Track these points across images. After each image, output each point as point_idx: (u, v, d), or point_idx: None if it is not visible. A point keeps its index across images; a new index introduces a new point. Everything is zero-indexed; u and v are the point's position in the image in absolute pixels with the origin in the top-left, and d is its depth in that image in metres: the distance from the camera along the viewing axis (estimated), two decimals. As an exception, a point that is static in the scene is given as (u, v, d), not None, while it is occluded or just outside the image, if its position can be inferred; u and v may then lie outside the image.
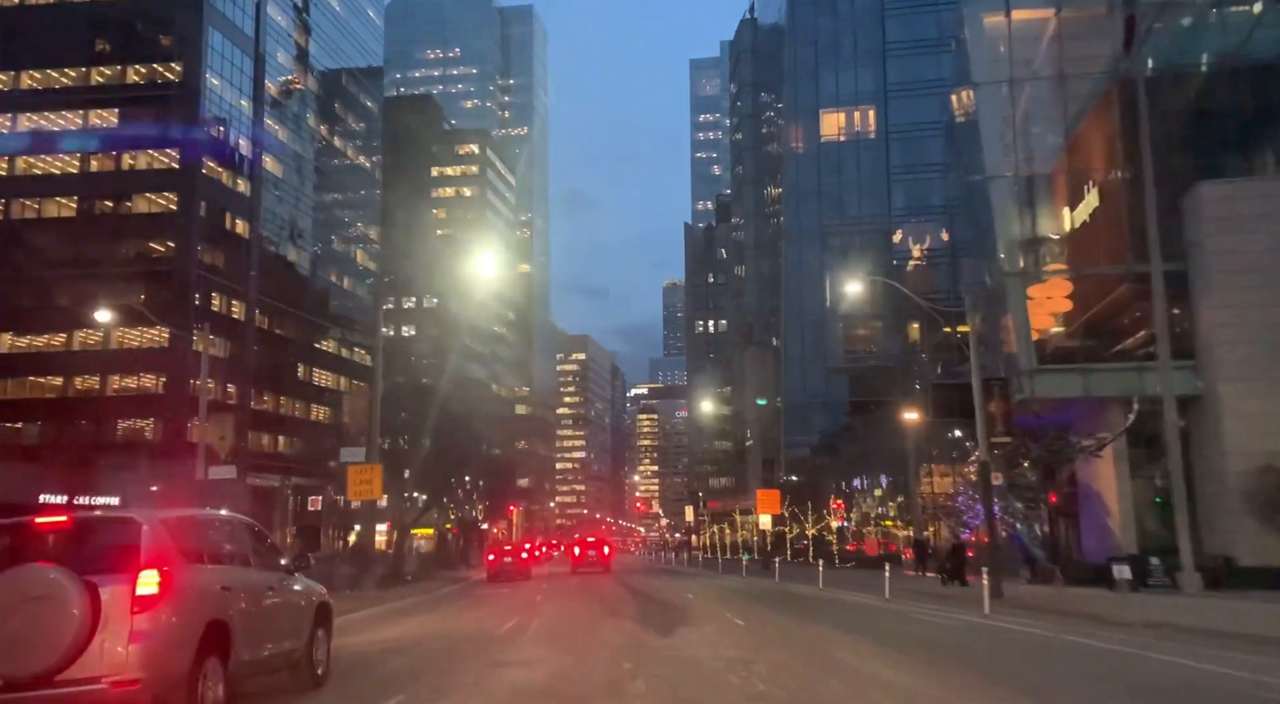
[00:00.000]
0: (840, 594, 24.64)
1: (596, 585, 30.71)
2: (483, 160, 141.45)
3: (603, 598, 23.19)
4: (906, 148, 59.28)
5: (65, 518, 7.70)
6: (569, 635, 14.01)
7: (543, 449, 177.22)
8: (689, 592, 25.70)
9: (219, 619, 7.45)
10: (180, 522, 7.80)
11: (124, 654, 6.60)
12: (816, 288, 60.62)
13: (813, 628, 15.20)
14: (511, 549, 41.08)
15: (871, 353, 59.62)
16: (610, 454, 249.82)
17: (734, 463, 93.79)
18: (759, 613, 17.85)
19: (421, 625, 16.62)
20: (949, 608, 19.68)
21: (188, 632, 7.03)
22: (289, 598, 9.19)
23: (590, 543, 46.42)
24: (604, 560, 42.77)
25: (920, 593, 24.49)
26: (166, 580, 6.87)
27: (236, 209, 69.23)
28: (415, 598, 25.12)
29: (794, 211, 62.59)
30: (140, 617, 6.68)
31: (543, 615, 17.59)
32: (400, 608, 20.93)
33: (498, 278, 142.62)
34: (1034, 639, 13.55)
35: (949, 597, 23.13)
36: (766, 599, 22.80)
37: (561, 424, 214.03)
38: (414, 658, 11.93)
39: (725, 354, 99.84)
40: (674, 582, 33.40)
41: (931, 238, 57.51)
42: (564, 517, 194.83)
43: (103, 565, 6.86)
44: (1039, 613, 17.65)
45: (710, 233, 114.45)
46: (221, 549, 8.38)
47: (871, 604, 21.16)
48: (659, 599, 22.20)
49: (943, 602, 21.84)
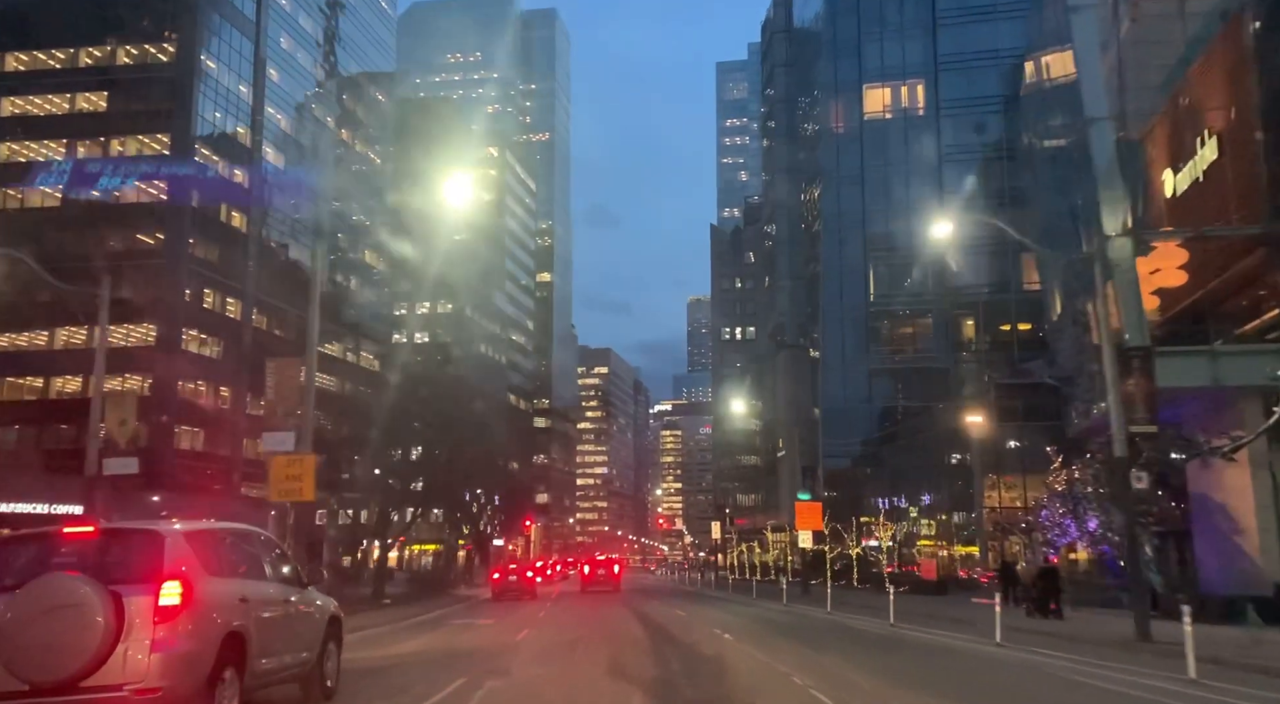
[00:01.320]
0: (928, 634, 18.91)
1: (605, 614, 25.29)
2: (501, 164, 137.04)
3: (609, 636, 17.64)
4: (960, 125, 53.42)
5: (91, 528, 7.61)
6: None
7: (563, 464, 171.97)
8: (721, 626, 20.07)
9: (236, 630, 7.55)
10: (201, 534, 7.96)
11: (146, 663, 6.74)
12: (858, 281, 54.84)
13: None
14: (517, 568, 39.80)
15: (919, 352, 53.81)
16: (633, 470, 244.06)
17: (763, 477, 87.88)
18: (839, 673, 12.03)
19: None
20: (1102, 660, 13.90)
21: (207, 642, 7.16)
22: (303, 610, 9.24)
23: (600, 562, 45.44)
24: (614, 579, 42.77)
25: (1036, 633, 18.72)
26: (188, 591, 7.02)
27: (233, 200, 64.95)
28: (376, 629, 19.81)
29: (833, 198, 56.75)
30: (162, 626, 6.83)
31: (511, 676, 12.01)
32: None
33: (516, 283, 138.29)
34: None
35: (1074, 639, 17.31)
36: (832, 642, 17.08)
37: (583, 439, 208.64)
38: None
39: (754, 362, 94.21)
40: (701, 610, 27.76)
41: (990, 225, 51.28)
42: (585, 533, 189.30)
43: (126, 576, 7.01)
44: (1252, 674, 11.92)
45: (738, 236, 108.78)
46: (239, 562, 8.46)
47: (987, 652, 15.44)
48: (684, 641, 16.58)
49: (1071, 646, 16.06)
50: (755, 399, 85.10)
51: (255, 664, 7.81)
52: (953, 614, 24.24)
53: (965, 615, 23.88)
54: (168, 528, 7.59)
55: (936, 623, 21.52)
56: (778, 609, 28.83)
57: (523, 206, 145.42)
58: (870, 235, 54.83)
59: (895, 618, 21.25)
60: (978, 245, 50.05)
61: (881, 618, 22.60)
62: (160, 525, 7.82)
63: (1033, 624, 21.73)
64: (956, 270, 51.48)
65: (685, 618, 23.07)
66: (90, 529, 7.61)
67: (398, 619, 23.65)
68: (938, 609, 25.61)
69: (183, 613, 6.91)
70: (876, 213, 54.74)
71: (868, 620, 22.72)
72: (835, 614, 25.30)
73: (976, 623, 19.78)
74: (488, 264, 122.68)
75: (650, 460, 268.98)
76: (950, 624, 21.01)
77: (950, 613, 24.59)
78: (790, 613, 26.75)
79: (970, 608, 27.83)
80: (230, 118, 64.04)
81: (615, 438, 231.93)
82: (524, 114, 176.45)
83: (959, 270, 51.88)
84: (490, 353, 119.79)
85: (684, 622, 21.79)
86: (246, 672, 7.67)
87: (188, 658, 6.92)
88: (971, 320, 52.53)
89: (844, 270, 55.52)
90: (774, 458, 74.64)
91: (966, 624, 20.58)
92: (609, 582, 42.24)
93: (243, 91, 65.95)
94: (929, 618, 22.68)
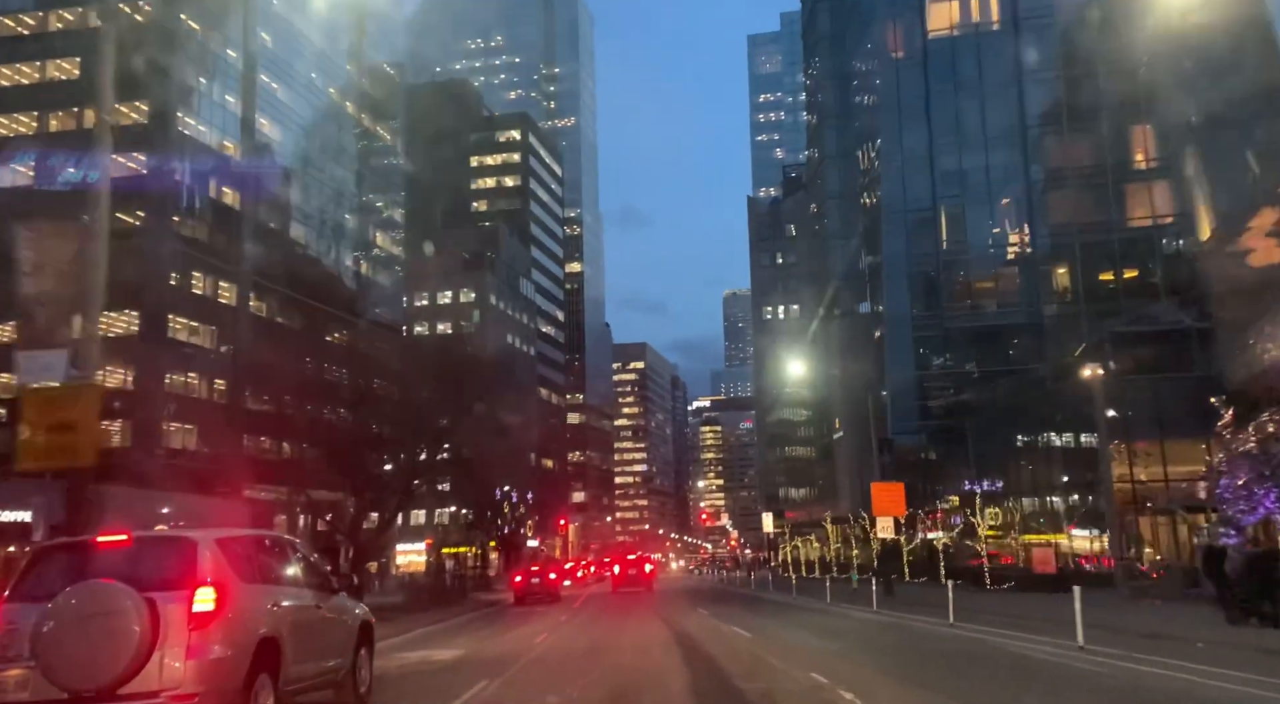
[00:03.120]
0: (1186, 673, 11.36)
1: (633, 627, 18.36)
2: (525, 147, 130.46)
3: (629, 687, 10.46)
4: (1044, 39, 45.07)
5: (125, 536, 7.44)
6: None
7: (600, 461, 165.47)
8: (822, 667, 12.48)
9: (270, 636, 7.52)
10: (233, 541, 7.89)
11: (181, 669, 6.71)
12: (927, 229, 46.98)
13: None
14: (540, 569, 38.27)
15: (1004, 307, 45.76)
16: (673, 468, 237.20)
17: (814, 466, 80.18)
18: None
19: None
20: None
21: (242, 648, 7.11)
22: (335, 616, 9.21)
23: (631, 561, 43.91)
24: (646, 579, 42.01)
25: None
26: (222, 598, 7.00)
27: (223, 176, 58.94)
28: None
29: (894, 134, 48.69)
30: (197, 633, 6.81)
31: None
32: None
33: (544, 272, 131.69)
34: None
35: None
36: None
37: (621, 436, 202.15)
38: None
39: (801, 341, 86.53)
40: (767, 625, 20.43)
41: (1087, 150, 43.38)
42: (625, 532, 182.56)
43: (160, 583, 6.95)
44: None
45: (777, 209, 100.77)
46: (271, 568, 8.38)
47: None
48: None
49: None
50: (804, 381, 77.43)
51: (289, 670, 7.74)
52: (1133, 624, 16.81)
53: (1152, 625, 16.61)
54: (200, 534, 7.52)
55: (1130, 640, 14.09)
56: (873, 620, 21.34)
57: (548, 192, 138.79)
58: (940, 174, 46.87)
59: (1084, 637, 13.70)
60: (1071, 177, 42.23)
61: (1045, 634, 15.19)
62: (193, 532, 7.69)
63: (1265, 638, 14.26)
64: (1047, 207, 43.59)
65: (751, 647, 15.65)
66: (124, 537, 7.42)
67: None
68: (1101, 616, 18.01)
69: (217, 619, 6.90)
70: (946, 146, 46.79)
71: (1029, 640, 15.09)
72: (966, 627, 17.73)
73: (1188, 638, 12.70)
74: (513, 250, 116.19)
75: (690, 458, 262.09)
76: (1159, 644, 13.59)
77: (1128, 623, 17.10)
78: (900, 628, 19.18)
79: (1144, 613, 20.32)
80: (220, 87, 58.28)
81: (654, 434, 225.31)
82: (548, 99, 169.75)
83: (1050, 208, 43.92)
84: (519, 344, 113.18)
85: (753, 658, 14.21)
86: (281, 678, 7.60)
87: (223, 664, 6.89)
88: (1065, 267, 44.48)
89: (909, 218, 47.59)
90: (829, 442, 66.95)
91: (1179, 641, 13.36)
92: (641, 582, 41.35)
93: (231, 56, 59.93)
94: (1115, 634, 15.12)
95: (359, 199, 78.44)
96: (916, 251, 47.10)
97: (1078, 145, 43.39)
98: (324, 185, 71.22)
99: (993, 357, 44.90)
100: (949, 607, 18.49)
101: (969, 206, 46.18)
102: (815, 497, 76.17)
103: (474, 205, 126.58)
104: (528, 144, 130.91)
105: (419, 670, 13.18)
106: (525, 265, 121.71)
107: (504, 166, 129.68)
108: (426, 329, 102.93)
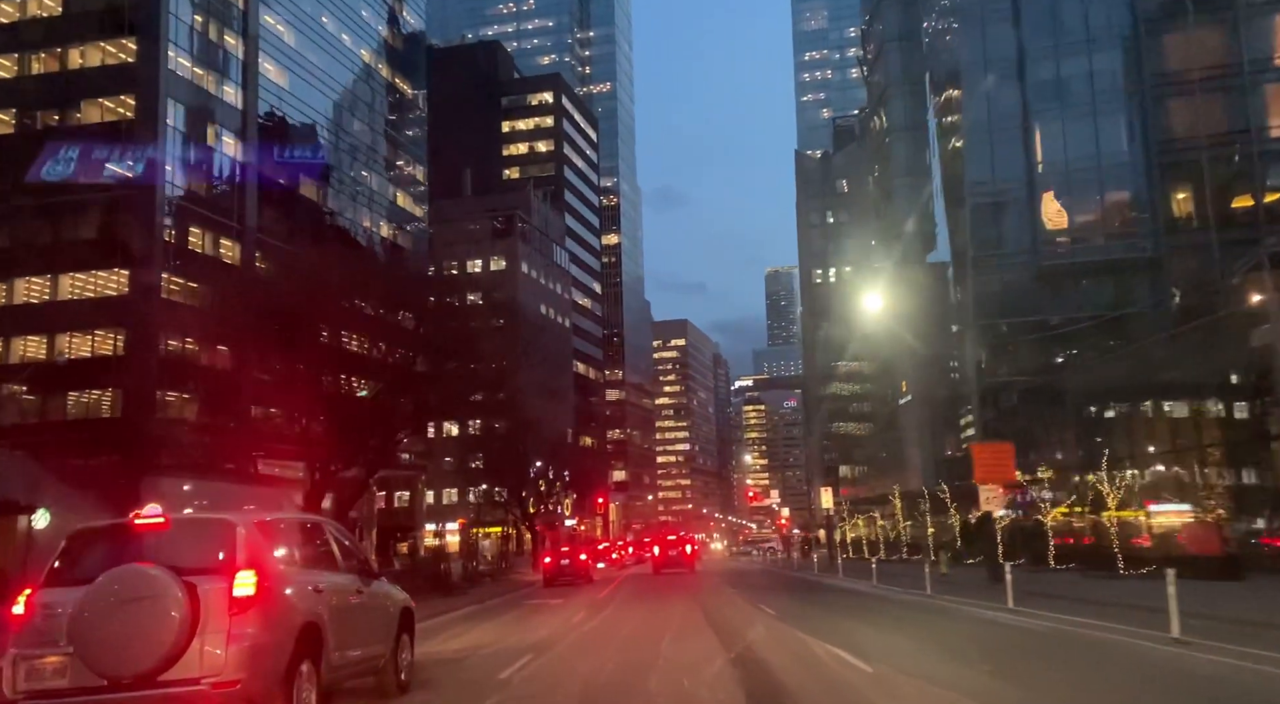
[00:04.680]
0: None
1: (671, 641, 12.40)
2: (558, 110, 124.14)
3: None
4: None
5: (162, 519, 7.24)
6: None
7: (642, 439, 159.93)
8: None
9: (312, 621, 7.34)
10: (272, 524, 7.74)
11: (222, 655, 6.56)
12: (1014, 151, 39.86)
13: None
14: (569, 550, 36.22)
15: (1113, 238, 38.39)
16: (716, 447, 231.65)
17: (874, 439, 73.60)
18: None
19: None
20: None
21: (284, 634, 6.94)
22: (376, 602, 8.97)
23: (672, 541, 42.28)
24: (688, 560, 40.72)
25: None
26: (262, 582, 6.85)
27: (224, 120, 53.85)
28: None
29: (976, 41, 41.15)
30: (238, 618, 6.66)
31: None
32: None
33: (579, 241, 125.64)
34: None
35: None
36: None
37: (662, 414, 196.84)
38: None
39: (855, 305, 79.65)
40: (871, 634, 14.13)
41: (1215, 46, 35.95)
42: (669, 512, 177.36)
43: (199, 566, 6.81)
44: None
45: (827, 162, 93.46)
46: (311, 552, 8.23)
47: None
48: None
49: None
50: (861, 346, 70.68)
51: (331, 656, 7.55)
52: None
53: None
54: (240, 516, 7.34)
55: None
56: (1032, 627, 14.59)
57: (583, 158, 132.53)
58: (1033, 85, 39.61)
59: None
60: (1196, 80, 35.08)
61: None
62: (232, 514, 7.47)
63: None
64: (1165, 119, 36.38)
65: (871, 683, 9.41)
66: (161, 519, 7.21)
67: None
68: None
69: (258, 604, 6.73)
70: (1040, 52, 39.55)
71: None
72: (1196, 644, 11.19)
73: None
74: (545, 216, 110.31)
75: (733, 437, 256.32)
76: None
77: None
78: (1098, 646, 12.53)
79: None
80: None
81: (696, 413, 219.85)
82: (582, 64, 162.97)
83: (1169, 118, 36.69)
84: (553, 314, 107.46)
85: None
86: (323, 664, 7.39)
87: (265, 650, 6.73)
88: (1187, 191, 37.20)
89: (995, 138, 40.51)
90: (893, 409, 60.23)
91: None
92: (682, 563, 40.18)
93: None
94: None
95: (381, 159, 73.10)
96: (1003, 177, 40.02)
97: (1203, 39, 35.98)
98: (341, 142, 65.98)
99: (1098, 299, 37.83)
100: (1173, 621, 11.66)
101: (1068, 122, 38.75)
102: (872, 472, 69.60)
103: (505, 173, 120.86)
104: (560, 106, 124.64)
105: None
106: (559, 233, 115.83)
107: (536, 131, 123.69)
108: (456, 301, 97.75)
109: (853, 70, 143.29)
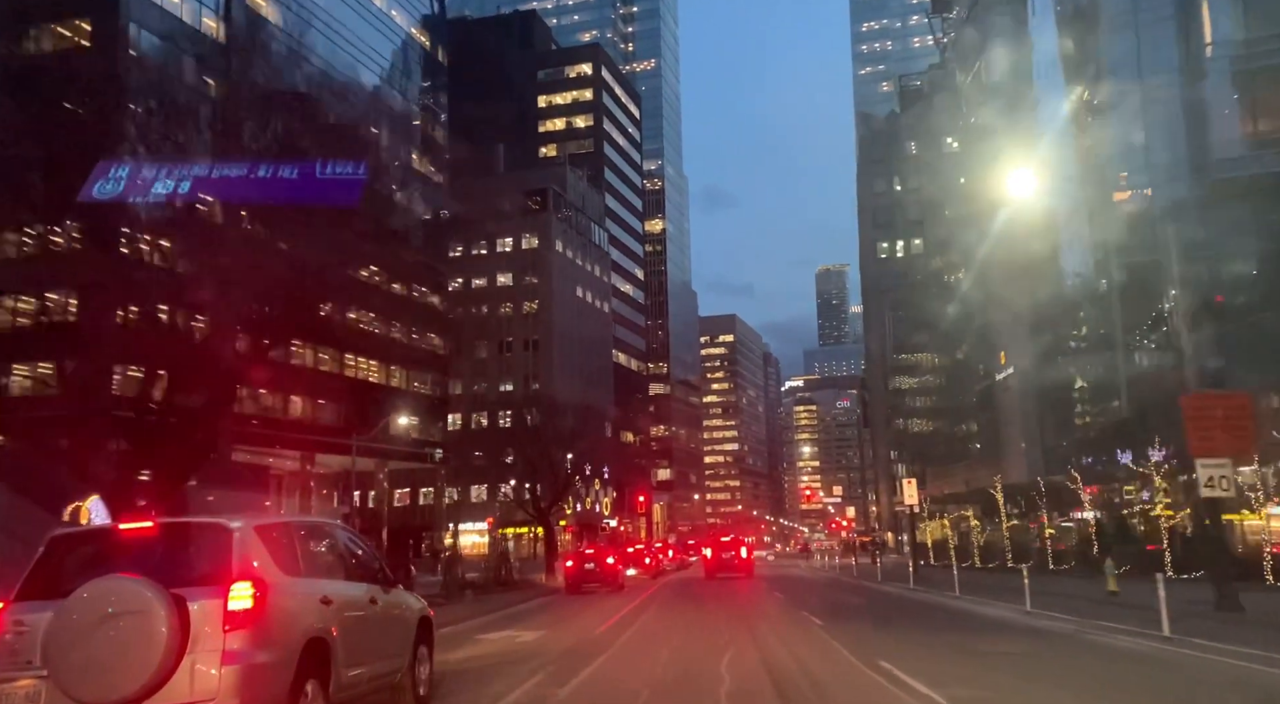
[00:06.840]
0: None
1: None
2: (598, 83, 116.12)
3: None
4: None
5: (150, 524, 6.91)
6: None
7: (689, 438, 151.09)
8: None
9: (318, 636, 6.65)
10: (273, 528, 7.03)
11: (216, 677, 5.85)
12: (1166, 28, 30.14)
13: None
14: (595, 553, 32.66)
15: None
16: (766, 448, 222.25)
17: (955, 429, 64.18)
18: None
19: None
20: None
21: (285, 651, 6.26)
22: (391, 612, 8.10)
23: (725, 543, 38.83)
24: (742, 565, 36.98)
25: None
26: (261, 593, 6.16)
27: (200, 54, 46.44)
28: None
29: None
30: (233, 635, 5.97)
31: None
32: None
33: (621, 224, 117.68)
34: None
35: None
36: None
37: (710, 413, 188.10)
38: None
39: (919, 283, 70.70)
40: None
41: None
42: (716, 514, 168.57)
43: (190, 577, 6.18)
44: None
45: (894, 123, 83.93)
46: (317, 558, 7.45)
47: None
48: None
49: None
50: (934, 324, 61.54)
51: (341, 674, 6.83)
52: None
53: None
54: (236, 521, 6.56)
55: None
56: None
57: (624, 136, 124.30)
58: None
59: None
60: None
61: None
62: (227, 518, 6.65)
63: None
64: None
65: None
66: (148, 524, 6.86)
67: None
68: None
69: (256, 619, 6.06)
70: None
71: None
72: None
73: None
74: (582, 193, 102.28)
75: (784, 438, 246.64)
76: None
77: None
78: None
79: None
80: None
81: (745, 411, 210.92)
82: (625, 40, 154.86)
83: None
84: (590, 298, 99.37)
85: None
86: (331, 684, 6.72)
87: (264, 670, 6.03)
88: None
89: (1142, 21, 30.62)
90: (989, 386, 50.73)
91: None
92: (737, 567, 36.65)
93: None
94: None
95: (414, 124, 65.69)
96: (1158, 58, 30.08)
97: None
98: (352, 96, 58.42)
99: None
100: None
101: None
102: (949, 468, 60.22)
103: (541, 150, 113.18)
104: (600, 79, 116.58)
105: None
106: (598, 213, 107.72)
107: (574, 105, 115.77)
108: (485, 282, 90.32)
109: (913, 39, 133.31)
